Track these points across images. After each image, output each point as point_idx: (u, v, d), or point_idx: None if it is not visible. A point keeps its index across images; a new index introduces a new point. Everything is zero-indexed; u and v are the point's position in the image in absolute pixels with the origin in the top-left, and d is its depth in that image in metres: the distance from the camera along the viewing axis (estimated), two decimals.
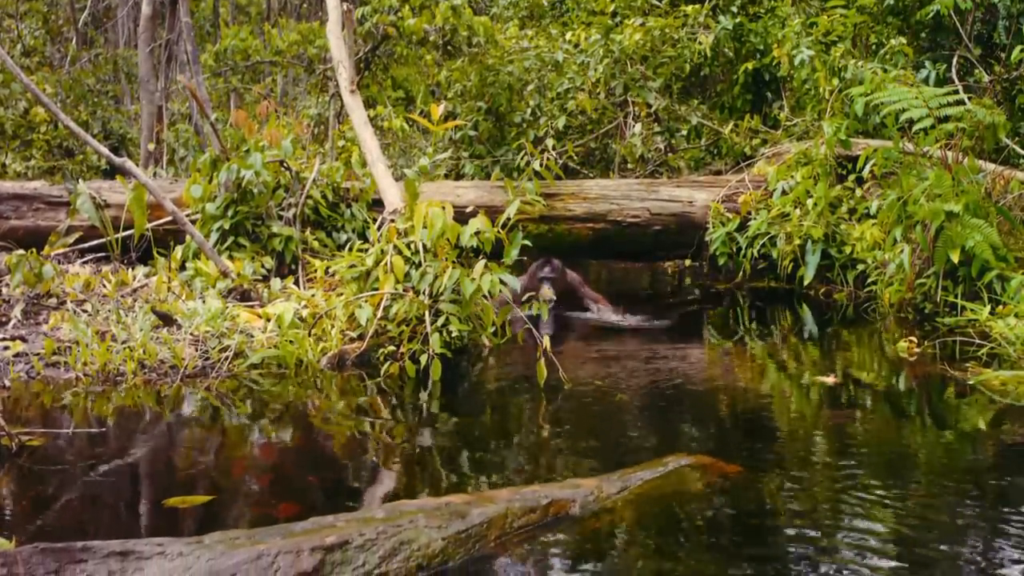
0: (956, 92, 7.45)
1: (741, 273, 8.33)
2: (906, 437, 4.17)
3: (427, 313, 5.17)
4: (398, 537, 2.53)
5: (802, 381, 5.20)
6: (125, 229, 7.24)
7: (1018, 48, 8.05)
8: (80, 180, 7.69)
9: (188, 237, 6.56)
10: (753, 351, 6.07)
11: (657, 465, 3.42)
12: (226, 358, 5.05)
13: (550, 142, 9.19)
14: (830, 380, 5.05)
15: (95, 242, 7.28)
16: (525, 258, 7.38)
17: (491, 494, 3.00)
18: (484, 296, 5.33)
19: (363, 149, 7.61)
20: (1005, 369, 4.97)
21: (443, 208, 5.47)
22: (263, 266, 6.68)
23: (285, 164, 7.28)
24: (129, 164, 6.63)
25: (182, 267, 6.63)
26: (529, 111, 10.46)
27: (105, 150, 6.72)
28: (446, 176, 10.41)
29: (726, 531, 3.01)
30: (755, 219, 8.27)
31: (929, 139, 7.14)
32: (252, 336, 5.30)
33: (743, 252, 8.27)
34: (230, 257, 6.61)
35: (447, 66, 10.99)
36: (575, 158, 9.88)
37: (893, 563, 2.67)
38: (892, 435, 4.19)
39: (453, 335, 5.16)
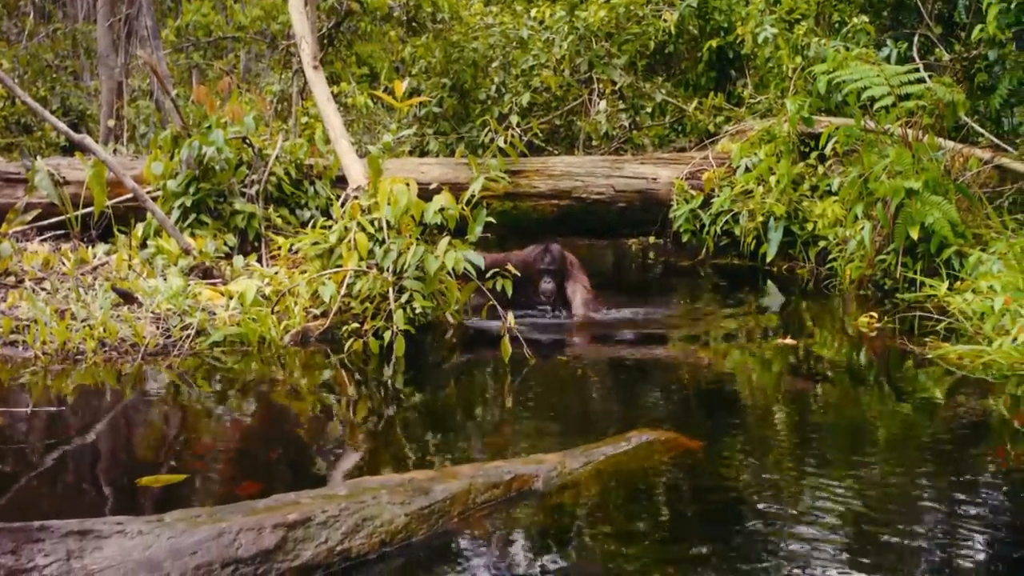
0: (917, 70, 7.51)
1: (704, 250, 8.38)
2: (865, 410, 4.23)
3: (391, 290, 5.16)
4: (361, 513, 2.53)
5: (765, 357, 5.25)
6: (85, 207, 7.13)
7: (978, 27, 8.12)
8: (38, 157, 7.59)
9: (149, 214, 6.48)
10: (716, 330, 6.11)
11: (620, 440, 3.44)
12: (188, 336, 5.01)
13: (515, 119, 9.16)
14: (788, 341, 5.25)
15: (54, 220, 7.16)
16: (489, 235, 7.34)
17: (454, 470, 3.01)
18: (450, 273, 5.32)
19: (326, 126, 7.55)
20: (962, 343, 5.04)
21: (407, 185, 5.45)
22: (226, 243, 6.62)
23: (248, 141, 7.21)
24: (88, 141, 6.54)
25: (143, 245, 6.55)
26: (494, 88, 10.41)
27: (64, 126, 6.63)
28: (410, 153, 10.35)
29: (688, 505, 3.04)
30: (719, 196, 8.31)
31: (890, 117, 7.19)
32: (214, 314, 5.26)
33: (707, 229, 8.32)
34: (192, 235, 6.55)
35: (411, 42, 10.91)
36: (540, 135, 9.86)
37: (852, 533, 2.71)
38: (852, 408, 4.25)
39: (417, 312, 5.15)
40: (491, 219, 6.03)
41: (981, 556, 2.61)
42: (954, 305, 5.59)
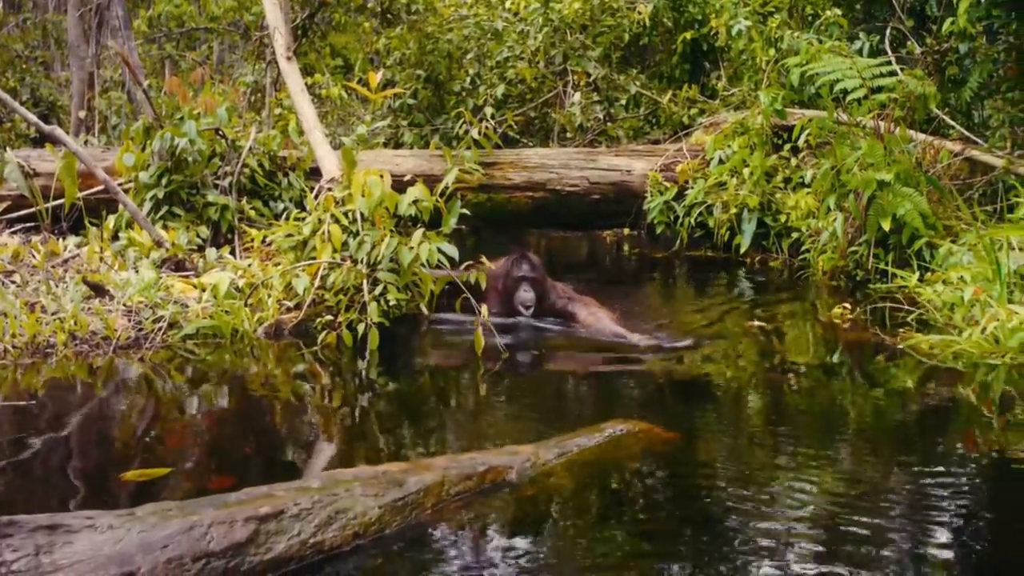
0: (889, 63, 7.55)
1: (678, 242, 8.40)
2: (837, 399, 4.28)
3: (365, 282, 5.14)
4: (334, 506, 2.53)
5: (739, 351, 5.27)
6: (55, 198, 7.08)
7: (949, 20, 8.17)
8: (7, 148, 7.50)
9: (121, 206, 6.43)
10: (689, 320, 6.13)
11: (594, 432, 3.45)
12: (160, 329, 4.97)
13: (489, 111, 9.14)
14: (756, 324, 5.42)
15: (24, 212, 7.10)
16: (464, 227, 7.33)
17: (428, 462, 3.01)
18: (423, 265, 5.31)
19: (300, 117, 7.52)
20: (933, 334, 5.08)
21: (381, 177, 5.43)
22: (198, 236, 6.59)
23: (220, 132, 7.16)
24: (59, 132, 6.47)
25: (115, 237, 6.50)
26: (468, 80, 10.39)
27: (34, 117, 6.56)
28: (385, 145, 10.32)
29: (661, 496, 3.06)
30: (692, 188, 8.33)
31: (862, 109, 7.24)
32: (187, 306, 5.23)
33: (680, 221, 8.34)
34: (164, 227, 6.50)
35: (386, 34, 10.87)
36: (514, 127, 9.84)
37: (823, 519, 2.73)
38: (824, 398, 4.29)
39: (391, 304, 5.14)
40: (465, 211, 6.02)
41: (948, 539, 2.64)
42: (925, 296, 5.64)
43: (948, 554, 2.57)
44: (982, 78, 8.41)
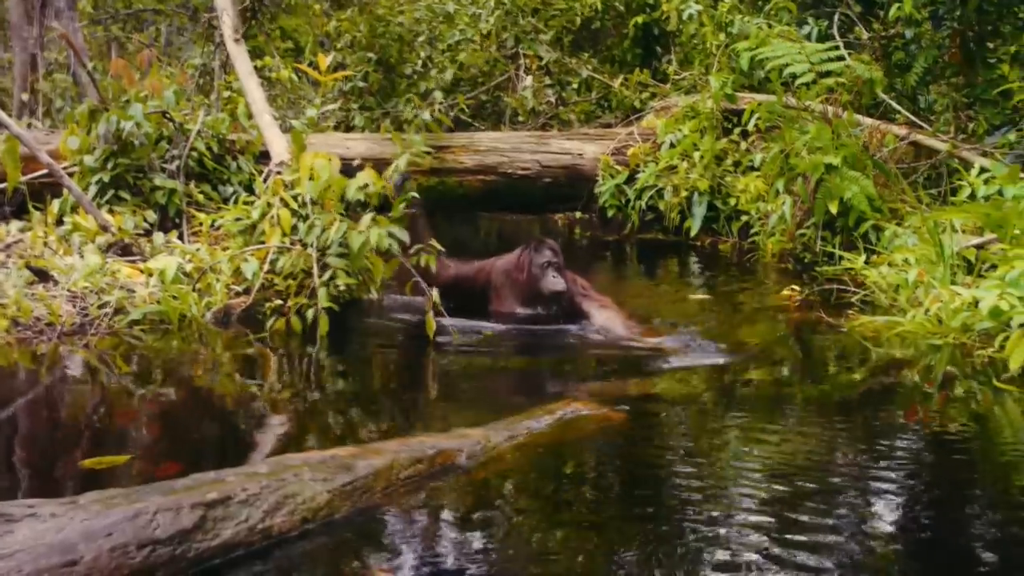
0: (837, 48, 7.65)
1: (629, 225, 8.44)
2: (784, 378, 4.34)
3: (315, 267, 5.10)
4: (282, 491, 2.51)
5: (680, 324, 5.31)
6: None
7: (895, 6, 8.28)
8: None
9: (65, 191, 6.32)
10: (636, 302, 6.17)
11: (543, 414, 3.47)
12: (106, 314, 4.90)
13: (440, 95, 9.10)
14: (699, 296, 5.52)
15: None
16: (414, 210, 7.28)
17: (378, 446, 3.00)
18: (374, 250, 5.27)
19: (249, 100, 7.43)
20: (879, 315, 5.17)
21: (330, 160, 5.38)
22: (145, 220, 6.50)
23: (168, 115, 7.06)
24: (1, 115, 6.33)
25: (59, 222, 6.38)
26: (420, 63, 10.34)
27: None
28: (336, 128, 10.24)
29: (611, 477, 3.08)
30: (643, 172, 8.38)
31: (811, 94, 7.33)
32: (134, 292, 5.15)
33: (631, 204, 8.40)
34: (110, 211, 6.40)
35: (336, 16, 10.77)
36: (466, 111, 9.82)
37: (770, 494, 2.76)
38: (771, 377, 4.34)
39: (341, 289, 5.10)
40: (416, 194, 5.99)
41: (893, 509, 2.70)
42: (871, 278, 5.73)
43: (892, 520, 2.62)
44: (927, 63, 8.53)
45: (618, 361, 4.71)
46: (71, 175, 6.56)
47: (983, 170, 6.34)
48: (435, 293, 4.86)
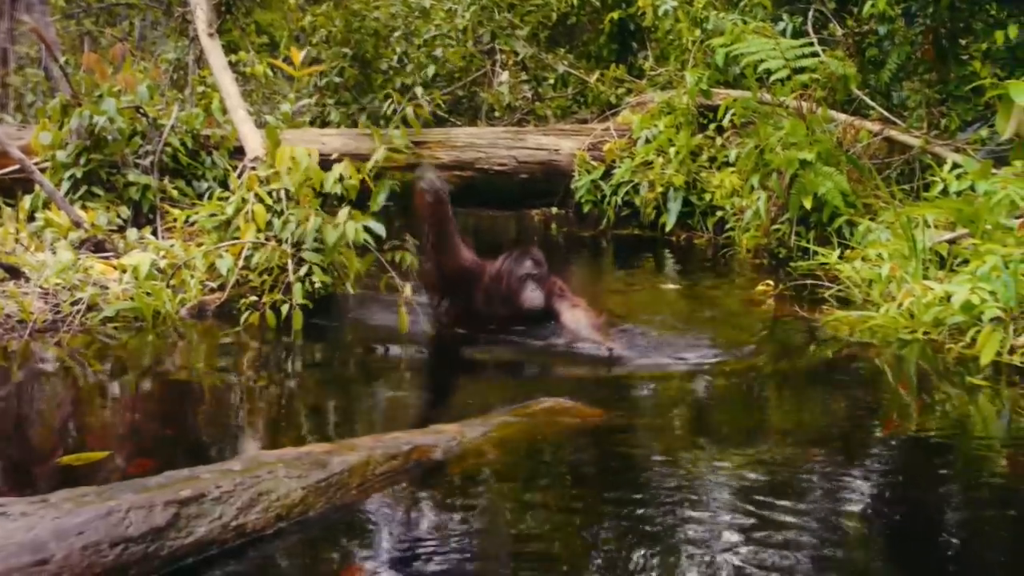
0: (811, 44, 7.69)
1: (605, 221, 8.46)
2: (758, 375, 4.35)
3: (290, 262, 5.08)
4: (256, 488, 2.50)
5: (651, 322, 5.32)
6: None
7: (869, 3, 8.32)
8: None
9: (37, 186, 6.26)
10: (614, 300, 6.19)
11: (520, 410, 3.47)
12: (79, 311, 4.86)
13: (418, 90, 9.09)
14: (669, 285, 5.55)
15: None
16: (391, 204, 7.29)
17: (352, 442, 2.99)
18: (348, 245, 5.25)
19: (223, 95, 7.39)
20: (852, 310, 5.20)
21: (309, 155, 5.36)
22: (119, 216, 6.46)
23: (141, 110, 7.02)
24: None
25: (31, 218, 6.33)
26: (396, 58, 10.31)
27: None
28: (311, 124, 10.20)
29: (586, 474, 3.09)
30: (619, 167, 8.40)
31: (785, 90, 7.36)
32: (107, 288, 5.12)
33: (607, 200, 8.42)
34: (83, 207, 6.35)
35: (311, 11, 10.71)
36: (443, 106, 9.81)
37: (743, 493, 2.78)
38: (745, 374, 4.36)
39: (316, 285, 5.08)
40: (395, 187, 5.98)
41: (866, 511, 2.72)
42: (844, 273, 5.76)
43: (865, 523, 2.64)
44: (900, 60, 8.58)
45: (586, 361, 4.61)
46: (43, 171, 6.50)
47: (955, 166, 6.38)
48: (409, 289, 4.85)
